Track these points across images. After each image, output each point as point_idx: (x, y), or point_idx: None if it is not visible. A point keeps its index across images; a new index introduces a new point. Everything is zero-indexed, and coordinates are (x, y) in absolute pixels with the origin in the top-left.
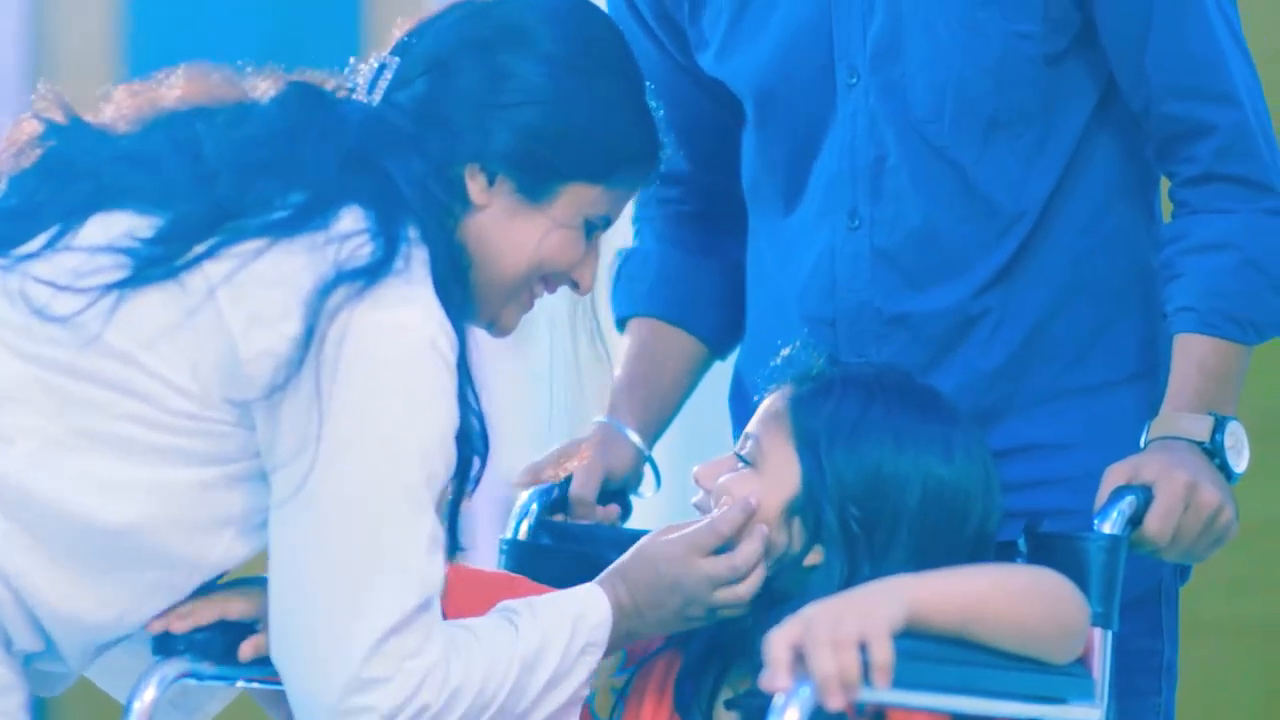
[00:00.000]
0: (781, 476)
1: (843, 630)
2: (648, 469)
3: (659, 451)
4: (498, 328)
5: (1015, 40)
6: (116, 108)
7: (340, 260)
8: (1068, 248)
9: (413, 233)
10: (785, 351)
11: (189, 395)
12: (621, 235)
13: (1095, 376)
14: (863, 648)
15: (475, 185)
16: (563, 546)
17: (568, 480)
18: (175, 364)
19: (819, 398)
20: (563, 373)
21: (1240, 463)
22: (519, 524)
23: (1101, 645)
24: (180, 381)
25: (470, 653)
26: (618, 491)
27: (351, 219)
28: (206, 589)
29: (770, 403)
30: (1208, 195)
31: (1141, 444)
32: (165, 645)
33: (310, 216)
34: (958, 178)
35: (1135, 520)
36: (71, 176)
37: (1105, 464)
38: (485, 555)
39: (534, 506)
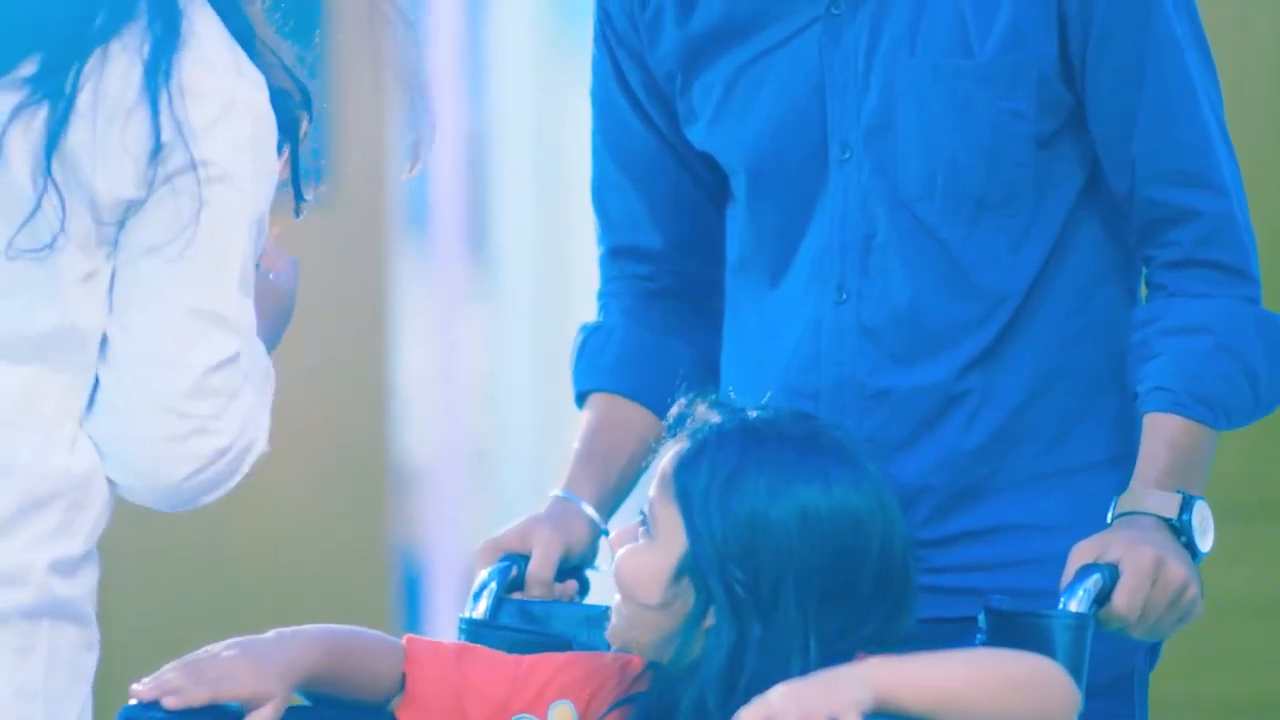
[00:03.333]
0: (671, 542)
1: (810, 707)
2: (604, 543)
3: (615, 525)
4: None
5: (1008, 119)
6: None
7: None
8: (1053, 330)
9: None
10: (678, 406)
11: None
12: (587, 312)
13: (1075, 459)
14: None
15: None
16: (523, 626)
17: (526, 558)
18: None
19: (696, 456)
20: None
21: (1206, 542)
22: (477, 601)
23: None
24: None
25: None
26: (575, 567)
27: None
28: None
29: (662, 464)
30: (1186, 279)
31: (1109, 519)
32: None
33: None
34: (945, 257)
35: (1101, 599)
36: None
37: None
38: (447, 632)
39: (493, 584)
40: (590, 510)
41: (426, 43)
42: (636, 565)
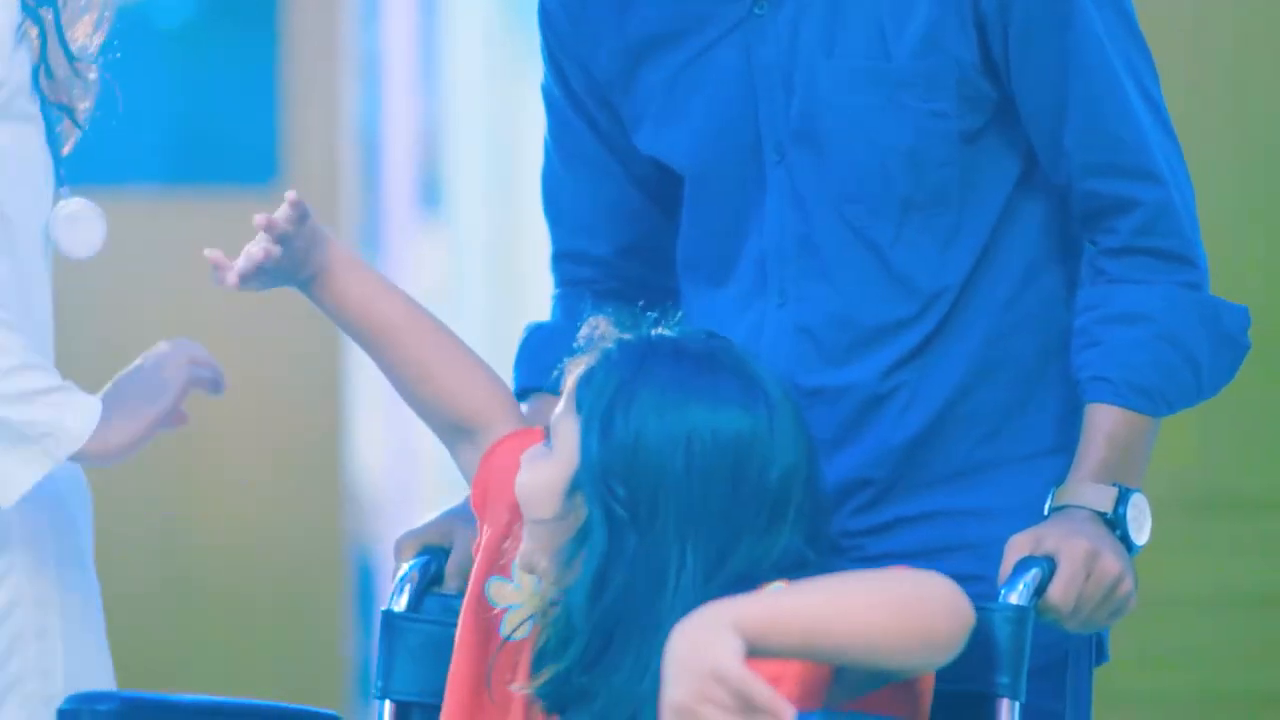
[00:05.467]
0: (567, 456)
1: (696, 670)
2: None
3: None
4: None
5: (929, 120)
6: None
7: None
8: (989, 323)
9: None
10: (588, 326)
11: None
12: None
13: (1012, 450)
14: None
15: None
16: (445, 619)
17: (446, 551)
18: None
19: (595, 371)
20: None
21: (1141, 535)
22: (399, 595)
23: (1009, 716)
24: None
25: None
26: None
27: None
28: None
29: (567, 380)
30: (1127, 266)
31: (1046, 511)
32: (69, 719)
33: None
34: (876, 258)
35: (1039, 591)
36: None
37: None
38: None
39: (414, 577)
40: None
41: (381, 28)
42: (533, 479)
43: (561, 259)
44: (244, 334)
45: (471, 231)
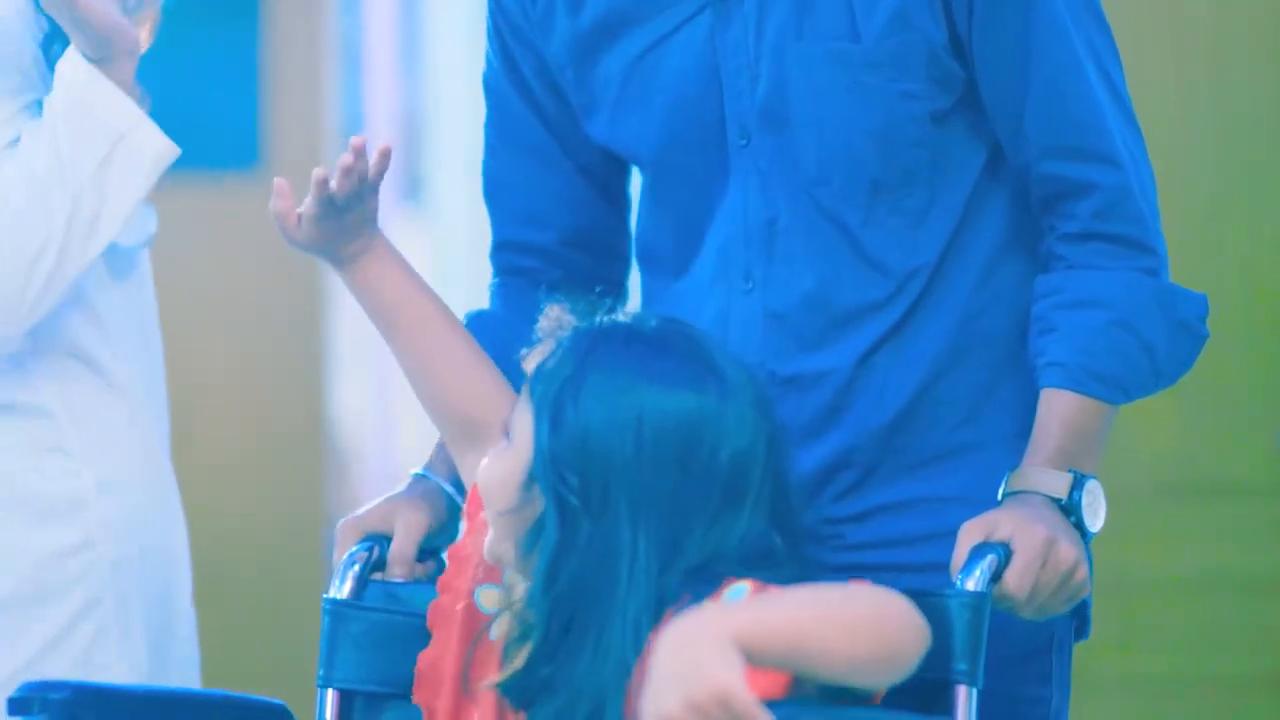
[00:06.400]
0: (523, 446)
1: (695, 691)
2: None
3: None
4: None
5: (899, 101)
6: None
7: None
8: (961, 305)
9: None
10: (546, 317)
11: None
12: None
13: (989, 431)
14: None
15: None
16: (389, 606)
17: (388, 538)
18: None
19: (549, 360)
20: None
21: (1096, 522)
22: (343, 583)
23: (967, 703)
24: None
25: None
26: (434, 548)
27: None
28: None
29: (526, 370)
30: (1085, 252)
31: (999, 496)
32: (21, 707)
33: None
34: (846, 240)
35: (995, 578)
36: None
37: None
38: None
39: (357, 564)
40: (450, 490)
41: (364, 15)
42: (493, 471)
43: (503, 249)
44: (225, 318)
45: (453, 221)
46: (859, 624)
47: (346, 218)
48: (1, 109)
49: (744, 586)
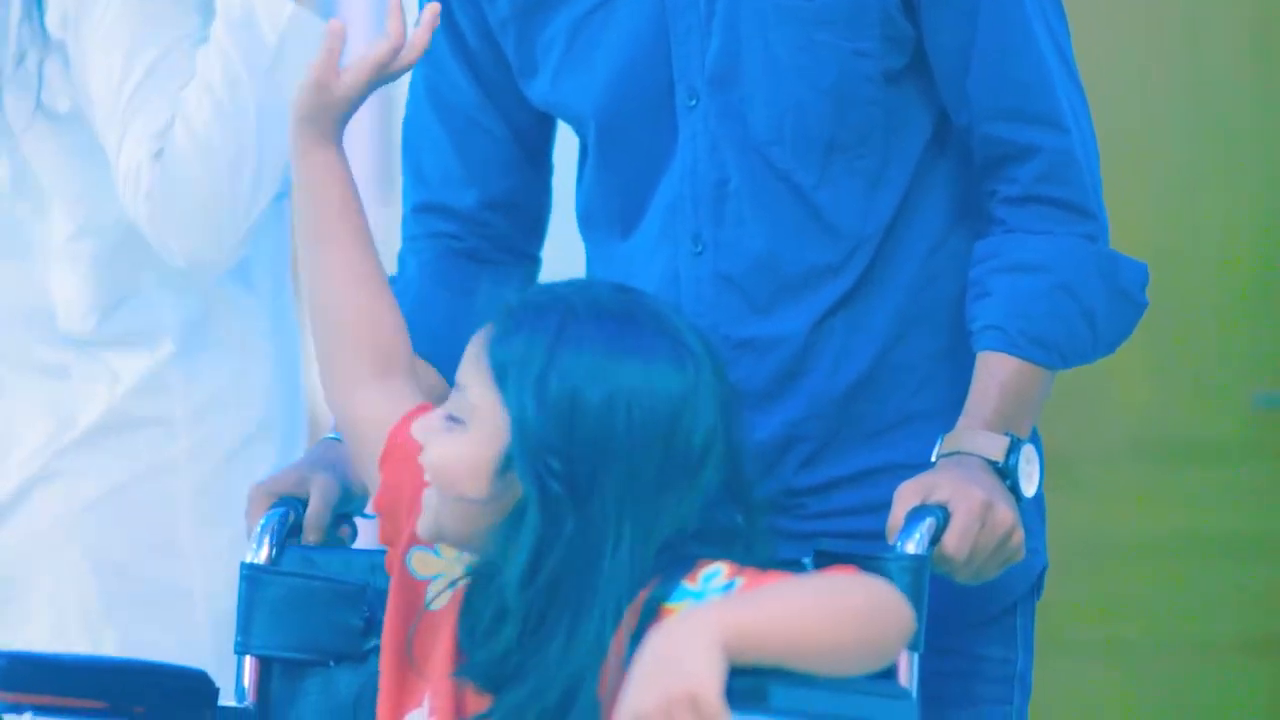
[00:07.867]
0: (491, 428)
1: (670, 693)
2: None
3: None
4: None
5: (853, 59)
6: None
7: None
8: (913, 270)
9: None
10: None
11: None
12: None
13: (944, 399)
14: None
15: None
16: (307, 571)
17: (303, 502)
18: None
19: (511, 334)
20: None
21: (1030, 487)
22: (259, 548)
23: (909, 667)
24: None
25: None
26: (346, 513)
27: None
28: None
29: (472, 347)
30: (1025, 216)
31: (933, 458)
32: None
33: None
34: (800, 201)
35: (934, 540)
36: None
37: None
38: None
39: (273, 528)
40: None
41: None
42: (456, 456)
43: (421, 211)
44: None
45: None
46: (851, 621)
47: (367, 92)
48: (184, 43)
49: (719, 569)
